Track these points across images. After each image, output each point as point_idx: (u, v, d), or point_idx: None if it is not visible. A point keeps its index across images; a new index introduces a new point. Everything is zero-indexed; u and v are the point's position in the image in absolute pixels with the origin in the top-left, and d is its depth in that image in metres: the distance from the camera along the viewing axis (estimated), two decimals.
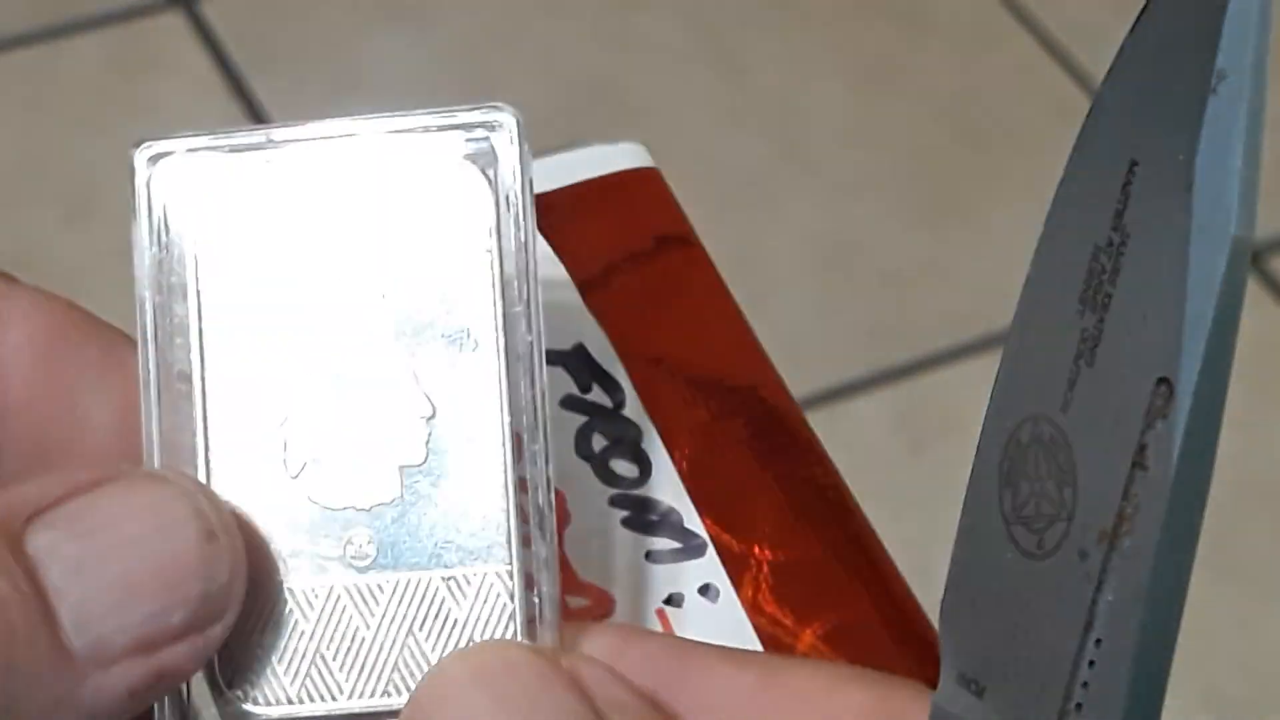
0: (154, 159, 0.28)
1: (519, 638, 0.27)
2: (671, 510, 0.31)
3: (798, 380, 0.34)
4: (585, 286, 0.33)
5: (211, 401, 0.27)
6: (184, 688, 0.26)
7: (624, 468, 0.32)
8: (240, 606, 0.26)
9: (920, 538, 0.88)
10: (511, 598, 0.27)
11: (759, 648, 0.30)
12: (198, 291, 0.28)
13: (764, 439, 0.32)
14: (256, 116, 1.02)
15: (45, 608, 0.24)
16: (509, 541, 0.27)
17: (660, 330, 0.33)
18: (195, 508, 0.25)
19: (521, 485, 0.27)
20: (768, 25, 1.10)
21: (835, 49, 1.09)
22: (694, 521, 0.31)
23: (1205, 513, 0.22)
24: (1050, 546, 0.23)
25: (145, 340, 0.27)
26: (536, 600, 0.27)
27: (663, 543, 0.31)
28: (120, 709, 0.25)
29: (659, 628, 0.30)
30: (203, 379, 0.27)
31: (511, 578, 0.27)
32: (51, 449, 0.27)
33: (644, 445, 0.32)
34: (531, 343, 0.27)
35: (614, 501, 0.31)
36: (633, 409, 0.32)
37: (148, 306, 0.27)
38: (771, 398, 0.33)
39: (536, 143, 0.36)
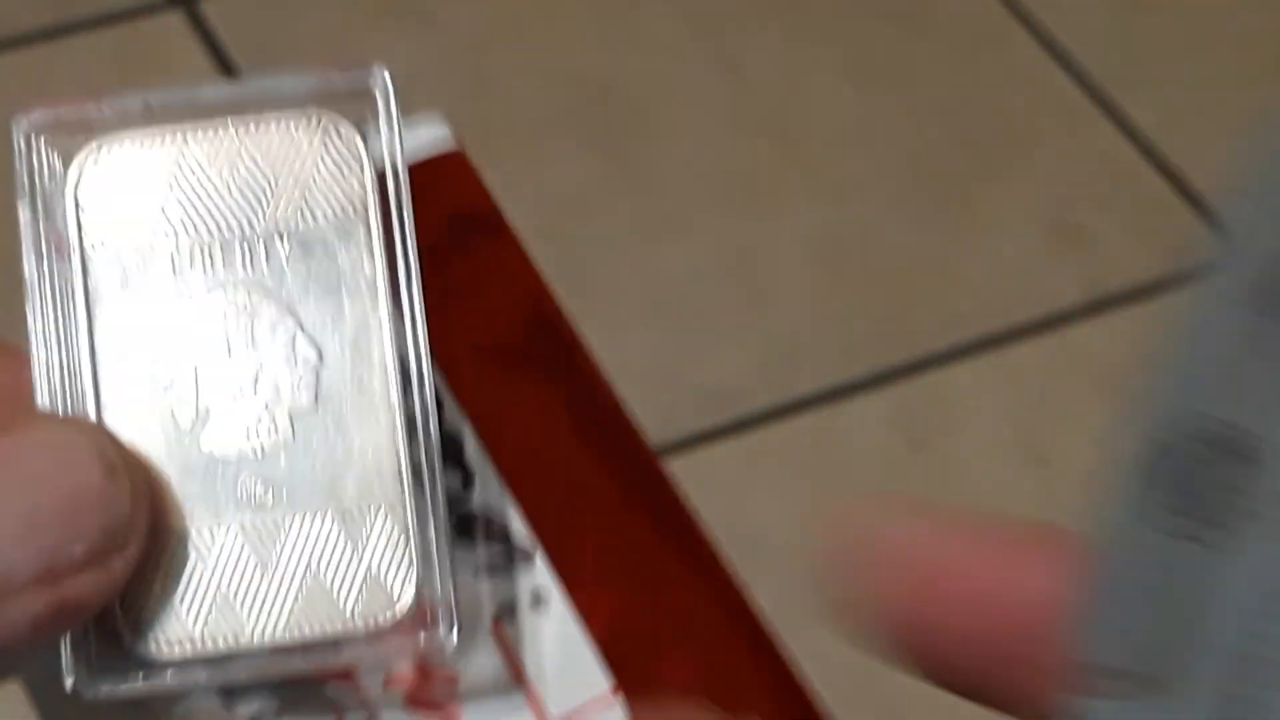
0: (32, 129, 0.29)
1: (415, 566, 0.27)
2: (497, 518, 0.30)
3: (798, 380, 0.34)
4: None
5: (100, 359, 0.28)
6: (88, 635, 0.27)
7: (447, 477, 0.30)
8: (143, 541, 0.27)
9: None
10: (407, 530, 0.28)
11: (595, 655, 0.30)
12: (81, 251, 0.28)
13: (584, 422, 0.32)
14: None
15: None
16: (401, 475, 0.28)
17: (472, 322, 0.32)
18: (97, 446, 0.27)
19: (410, 424, 0.28)
20: (767, 24, 1.10)
21: (835, 48, 1.09)
22: (519, 527, 0.30)
23: None
24: (1233, 535, 0.23)
25: (33, 304, 0.28)
26: (432, 534, 0.28)
27: (491, 553, 0.30)
28: (24, 640, 0.26)
29: (495, 644, 0.30)
30: (91, 341, 0.28)
31: (405, 510, 0.28)
32: None
33: (466, 453, 0.31)
34: (413, 287, 0.28)
35: None
36: (452, 415, 0.31)
37: (34, 273, 0.28)
38: (590, 372, 0.32)
39: (534, 143, 0.35)
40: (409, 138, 0.33)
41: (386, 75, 0.29)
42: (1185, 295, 0.24)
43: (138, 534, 0.27)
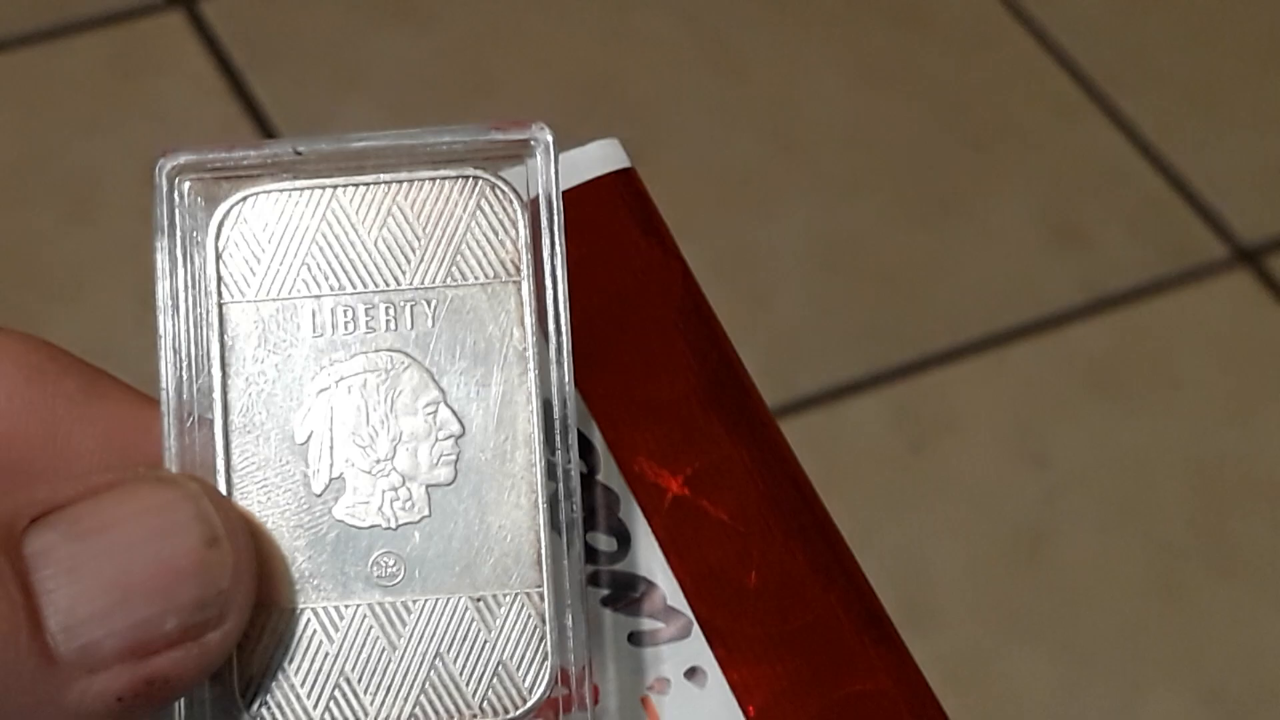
0: (176, 173, 0.27)
1: (550, 659, 0.26)
2: (654, 586, 0.29)
3: (797, 380, 0.33)
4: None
5: (233, 419, 0.27)
6: (205, 710, 0.26)
7: (600, 540, 0.29)
8: (246, 615, 0.25)
9: (920, 538, 0.88)
10: (543, 620, 0.26)
11: None
12: (220, 306, 0.27)
13: (759, 488, 0.30)
14: (257, 117, 1.02)
15: (31, 608, 0.24)
16: (540, 562, 0.26)
17: (628, 365, 0.30)
18: (199, 511, 0.25)
19: (552, 505, 0.27)
20: (767, 24, 1.10)
21: (834, 48, 1.09)
22: (678, 598, 0.29)
23: (1204, 511, 0.22)
24: None
25: (165, 358, 0.27)
26: (569, 622, 0.26)
27: (646, 623, 0.29)
28: (110, 716, 0.24)
29: (646, 717, 0.28)
30: (224, 396, 0.27)
31: (543, 599, 0.26)
32: (35, 481, 0.26)
33: (621, 514, 0.29)
34: (563, 362, 0.27)
35: (592, 579, 0.29)
36: (607, 472, 0.30)
37: (169, 321, 0.27)
38: (769, 426, 0.31)
39: None
40: (586, 160, 0.31)
41: (550, 135, 0.27)
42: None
43: (238, 608, 0.25)
